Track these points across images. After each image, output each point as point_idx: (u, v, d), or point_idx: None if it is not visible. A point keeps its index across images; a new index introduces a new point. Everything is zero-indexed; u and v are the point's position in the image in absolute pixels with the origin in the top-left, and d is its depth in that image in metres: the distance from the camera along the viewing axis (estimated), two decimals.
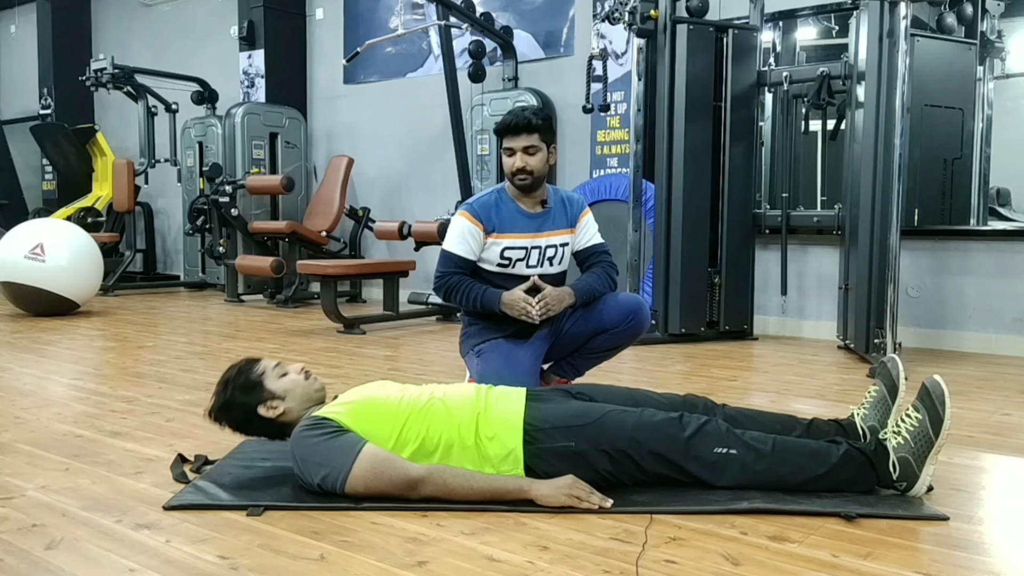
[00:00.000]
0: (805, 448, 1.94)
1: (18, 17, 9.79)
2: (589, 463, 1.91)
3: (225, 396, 2.03)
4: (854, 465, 1.90)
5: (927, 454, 1.87)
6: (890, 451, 1.89)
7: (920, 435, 1.88)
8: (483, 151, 5.92)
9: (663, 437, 1.91)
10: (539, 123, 2.69)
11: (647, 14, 4.47)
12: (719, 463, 1.89)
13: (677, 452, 1.90)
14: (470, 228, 2.71)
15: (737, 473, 1.89)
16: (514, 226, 2.73)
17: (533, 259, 2.75)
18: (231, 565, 1.58)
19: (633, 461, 1.91)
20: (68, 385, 3.47)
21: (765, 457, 1.90)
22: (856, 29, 4.20)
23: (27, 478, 2.12)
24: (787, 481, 1.91)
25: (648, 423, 1.94)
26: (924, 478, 1.88)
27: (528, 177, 2.70)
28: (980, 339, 4.31)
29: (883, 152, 3.74)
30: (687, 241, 4.53)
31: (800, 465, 1.91)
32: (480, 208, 2.74)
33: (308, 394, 2.04)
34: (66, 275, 5.46)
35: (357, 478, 1.83)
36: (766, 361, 4.12)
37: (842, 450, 1.92)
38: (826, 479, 1.90)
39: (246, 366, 2.06)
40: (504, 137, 2.71)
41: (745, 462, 1.89)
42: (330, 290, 5.01)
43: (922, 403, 1.91)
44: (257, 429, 2.05)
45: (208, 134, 7.32)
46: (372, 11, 7.00)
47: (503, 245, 2.71)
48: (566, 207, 2.83)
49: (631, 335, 2.80)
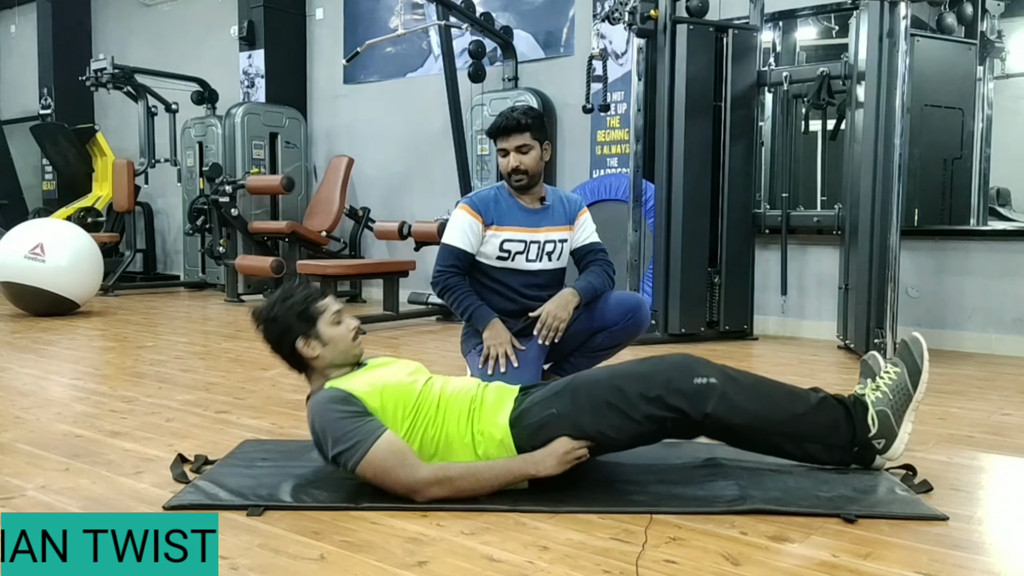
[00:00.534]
0: (784, 387, 1.96)
1: (18, 17, 9.79)
2: (574, 424, 1.90)
3: (277, 310, 2.01)
4: (832, 412, 1.91)
5: (906, 408, 1.89)
6: (869, 405, 1.90)
7: (899, 388, 1.89)
8: (483, 151, 5.92)
9: (640, 376, 1.92)
10: (529, 122, 2.72)
11: (647, 14, 4.47)
12: (700, 392, 1.87)
13: (658, 386, 1.88)
14: (470, 221, 2.73)
15: (717, 403, 1.86)
16: (513, 219, 2.76)
17: (532, 253, 2.77)
18: (231, 565, 1.58)
19: (617, 409, 1.88)
20: (68, 385, 3.47)
21: (745, 388, 1.90)
22: (856, 29, 4.20)
23: (27, 478, 2.12)
24: (767, 417, 1.90)
25: (623, 369, 1.97)
26: (902, 436, 1.89)
27: (524, 176, 2.73)
28: (980, 339, 4.31)
29: (883, 152, 3.74)
30: (687, 241, 4.53)
31: (778, 401, 1.91)
32: (479, 201, 2.77)
33: (348, 353, 2.04)
34: (66, 275, 5.46)
35: (369, 464, 1.83)
36: (766, 361, 4.12)
37: (820, 395, 1.94)
38: (805, 419, 1.91)
39: (312, 296, 2.04)
40: (497, 139, 2.75)
41: (725, 392, 1.87)
42: (330, 290, 5.00)
43: (901, 358, 1.95)
44: (284, 353, 2.04)
45: (208, 134, 7.32)
46: (372, 11, 7.00)
47: (502, 237, 2.73)
48: (564, 205, 2.86)
49: (631, 332, 2.81)
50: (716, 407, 1.87)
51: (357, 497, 1.91)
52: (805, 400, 1.92)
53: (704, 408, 1.87)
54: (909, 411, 1.89)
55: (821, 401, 1.92)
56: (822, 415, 1.90)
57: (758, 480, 2.03)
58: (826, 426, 1.90)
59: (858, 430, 1.89)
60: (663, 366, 1.93)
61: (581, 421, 1.90)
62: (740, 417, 1.89)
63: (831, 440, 1.91)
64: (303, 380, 2.13)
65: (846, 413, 1.90)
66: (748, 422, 1.90)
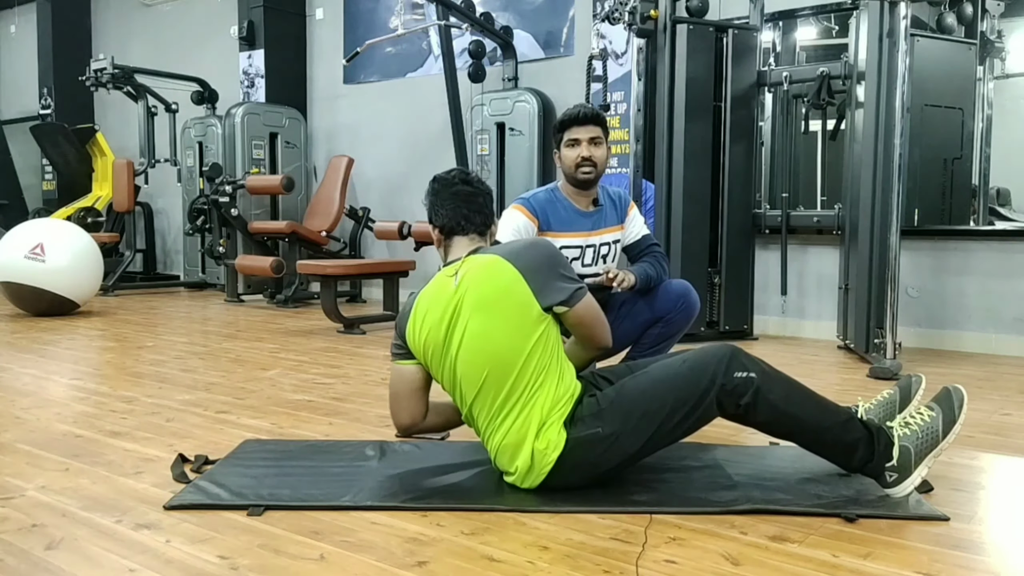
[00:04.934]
0: (816, 396, 1.95)
1: (18, 17, 9.79)
2: (617, 443, 1.89)
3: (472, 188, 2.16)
4: (857, 432, 1.91)
5: (928, 452, 1.89)
6: (895, 438, 1.90)
7: (929, 431, 1.89)
8: (483, 151, 5.92)
9: (683, 379, 1.92)
10: (603, 117, 2.73)
11: (647, 14, 4.47)
12: (739, 386, 1.87)
13: (700, 387, 1.89)
14: (525, 223, 2.69)
15: (752, 395, 1.87)
16: (570, 225, 2.73)
17: (588, 257, 2.76)
18: (231, 565, 1.58)
19: (657, 421, 1.89)
20: (68, 385, 3.47)
21: (781, 385, 1.91)
22: (856, 29, 4.20)
23: (27, 478, 2.12)
24: (797, 422, 1.90)
25: (666, 373, 1.97)
26: (915, 477, 1.88)
27: (593, 169, 2.70)
28: (980, 339, 4.31)
29: (883, 152, 3.74)
30: (687, 241, 4.53)
31: (810, 410, 1.91)
32: (537, 204, 2.72)
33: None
34: (66, 275, 5.46)
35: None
36: (766, 361, 4.11)
37: (850, 414, 1.95)
38: (830, 432, 1.91)
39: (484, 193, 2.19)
40: (569, 128, 2.70)
41: (760, 387, 1.88)
42: (330, 290, 5.01)
43: (938, 403, 1.95)
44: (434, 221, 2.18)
45: (208, 134, 7.32)
46: (372, 11, 7.00)
47: (560, 244, 2.65)
48: (615, 204, 2.85)
49: (685, 318, 2.76)
50: (750, 399, 1.88)
51: (357, 497, 1.91)
52: (835, 415, 1.92)
53: (739, 400, 1.88)
54: (930, 456, 1.89)
55: (849, 420, 1.92)
56: (847, 434, 1.91)
57: (758, 480, 2.03)
58: (848, 444, 1.91)
59: (876, 457, 1.89)
60: (706, 361, 1.92)
61: (622, 441, 1.90)
62: (768, 414, 1.90)
63: (848, 457, 1.92)
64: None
65: (869, 438, 1.90)
66: (776, 419, 1.91)
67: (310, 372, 3.55)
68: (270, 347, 4.35)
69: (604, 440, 1.89)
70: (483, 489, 1.99)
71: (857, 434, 1.90)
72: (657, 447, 1.95)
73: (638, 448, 1.91)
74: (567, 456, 1.89)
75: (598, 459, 1.91)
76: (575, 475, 1.92)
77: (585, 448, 1.90)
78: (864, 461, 1.90)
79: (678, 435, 1.95)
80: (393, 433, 2.38)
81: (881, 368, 3.54)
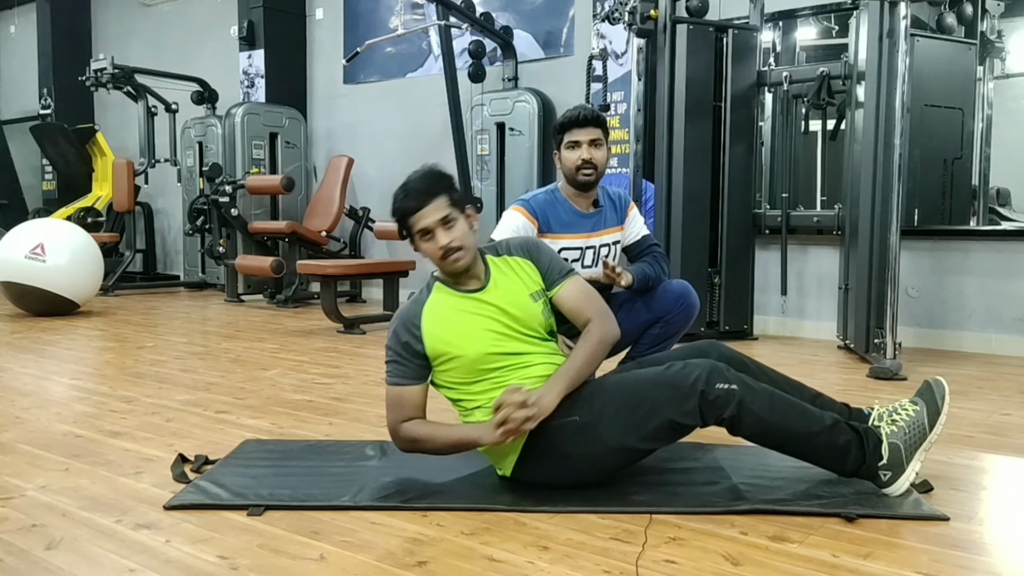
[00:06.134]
0: (800, 405, 1.95)
1: (18, 17, 9.79)
2: (593, 432, 1.90)
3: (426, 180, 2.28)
4: (845, 435, 1.90)
5: (919, 446, 1.89)
6: (883, 436, 1.90)
7: (915, 425, 1.89)
8: (483, 151, 5.92)
9: (664, 384, 1.91)
10: (603, 119, 2.72)
11: (647, 14, 4.47)
12: (720, 398, 1.85)
13: (681, 395, 1.88)
14: (525, 224, 2.68)
15: (735, 408, 1.85)
16: (571, 227, 2.72)
17: (588, 259, 2.75)
18: (231, 565, 1.58)
19: (634, 419, 1.89)
20: (68, 385, 3.47)
21: (764, 397, 1.89)
22: (856, 29, 4.20)
23: (27, 478, 2.12)
24: (785, 431, 1.89)
25: (648, 375, 1.99)
26: (909, 473, 1.88)
27: (593, 172, 2.69)
28: (980, 339, 4.31)
29: (883, 152, 3.74)
30: (687, 241, 4.53)
31: (795, 418, 1.90)
32: (537, 205, 2.71)
33: (437, 265, 2.18)
34: (66, 275, 5.46)
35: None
36: (766, 361, 4.05)
37: (834, 419, 1.93)
38: (818, 438, 1.89)
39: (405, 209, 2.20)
40: (569, 131, 2.69)
41: (743, 399, 1.86)
42: (330, 290, 5.01)
43: (921, 397, 1.96)
44: None
45: (208, 134, 7.32)
46: (372, 11, 7.00)
47: (560, 245, 2.66)
48: (615, 204, 2.84)
49: (685, 318, 2.74)
50: (734, 411, 1.87)
51: (357, 497, 1.91)
52: (819, 421, 1.91)
53: (721, 413, 1.87)
54: (921, 450, 1.89)
55: (836, 424, 1.91)
56: (836, 438, 1.90)
57: (758, 480, 2.03)
58: (838, 448, 1.90)
59: (868, 457, 1.89)
60: (688, 369, 1.91)
61: (598, 432, 1.90)
62: (755, 426, 1.89)
63: (838, 461, 1.91)
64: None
65: (858, 440, 1.90)
66: (763, 430, 1.90)
67: (310, 372, 3.55)
68: (270, 347, 4.35)
69: (580, 430, 1.90)
70: (483, 489, 2.00)
71: (847, 436, 1.90)
72: (635, 452, 1.94)
73: (613, 445, 1.90)
74: (537, 438, 1.90)
75: (571, 449, 1.91)
76: (549, 462, 1.93)
77: (556, 433, 1.90)
78: (858, 464, 1.90)
79: (657, 439, 1.93)
80: None
81: (881, 368, 3.54)
